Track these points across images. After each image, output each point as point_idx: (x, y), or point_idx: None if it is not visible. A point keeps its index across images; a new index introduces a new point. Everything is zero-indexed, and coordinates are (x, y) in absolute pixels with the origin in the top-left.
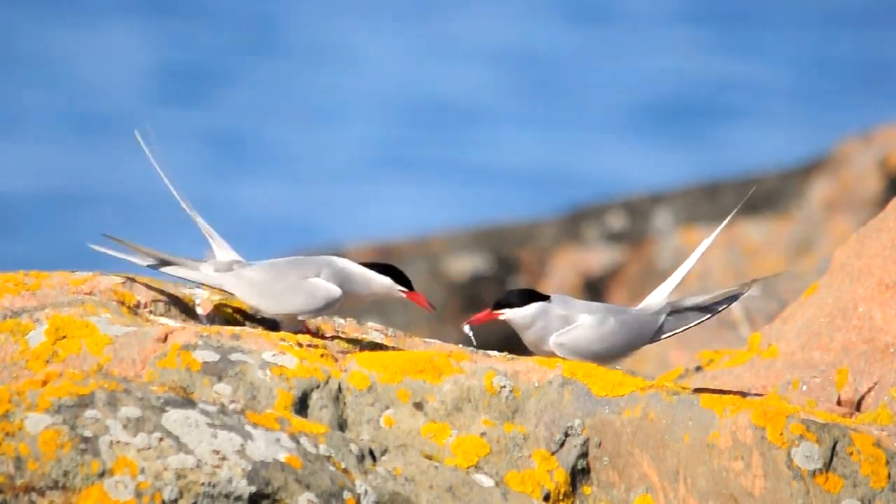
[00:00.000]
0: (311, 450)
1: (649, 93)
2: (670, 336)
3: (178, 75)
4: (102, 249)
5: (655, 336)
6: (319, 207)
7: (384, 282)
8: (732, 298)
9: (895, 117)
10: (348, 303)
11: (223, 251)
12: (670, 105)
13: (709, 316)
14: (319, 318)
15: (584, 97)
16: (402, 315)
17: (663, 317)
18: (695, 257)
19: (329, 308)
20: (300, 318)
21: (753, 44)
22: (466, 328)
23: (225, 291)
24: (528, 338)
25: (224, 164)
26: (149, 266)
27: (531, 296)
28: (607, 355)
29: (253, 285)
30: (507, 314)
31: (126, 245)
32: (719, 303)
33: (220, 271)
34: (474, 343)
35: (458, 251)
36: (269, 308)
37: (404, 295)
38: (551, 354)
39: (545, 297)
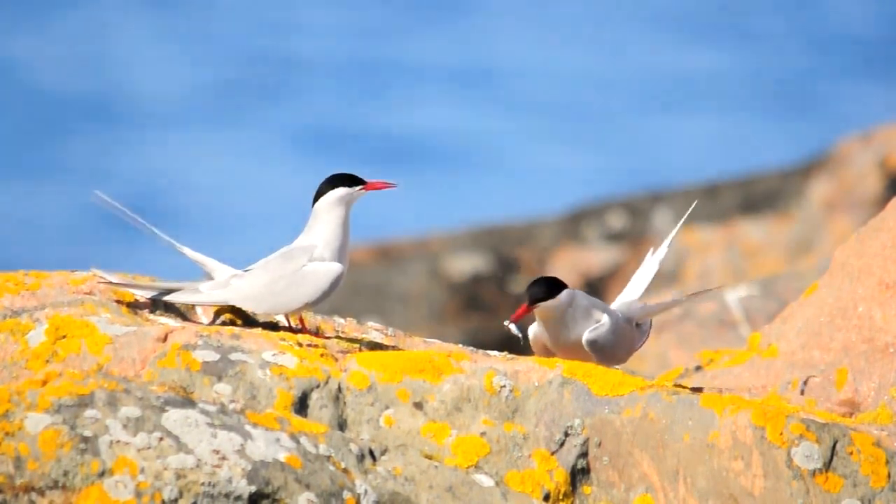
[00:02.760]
0: (311, 449)
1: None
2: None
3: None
4: (103, 275)
5: (637, 343)
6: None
7: (341, 193)
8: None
9: (895, 117)
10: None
11: (218, 271)
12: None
13: (647, 331)
14: (319, 317)
15: None
16: (402, 315)
17: (637, 322)
18: (658, 259)
19: (337, 286)
20: (316, 306)
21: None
22: (512, 326)
23: (231, 306)
24: (552, 327)
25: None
26: (150, 298)
27: (558, 284)
28: (621, 357)
29: (255, 292)
30: (543, 306)
31: (121, 283)
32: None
33: (220, 288)
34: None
35: (458, 251)
36: (278, 308)
37: (364, 191)
38: (575, 343)
39: (565, 285)
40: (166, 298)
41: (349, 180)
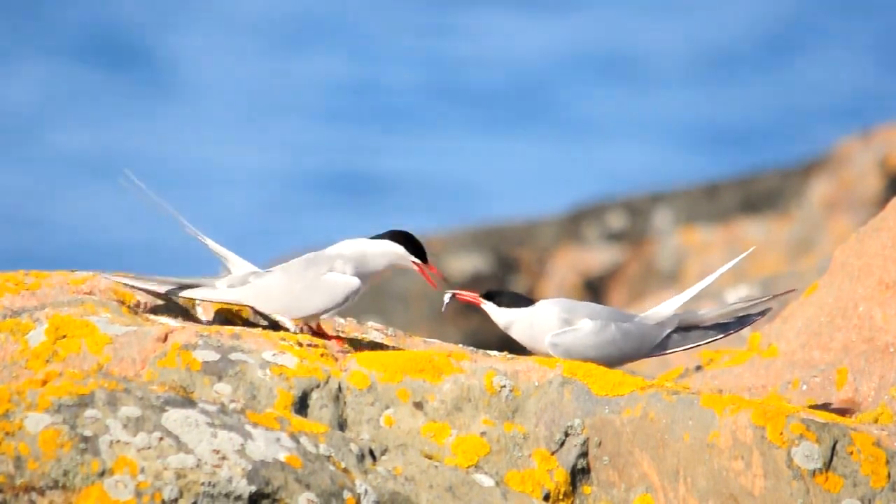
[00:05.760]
0: (311, 449)
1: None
2: (675, 352)
3: None
4: (118, 279)
5: (657, 350)
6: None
7: (397, 250)
8: (745, 319)
9: (895, 117)
10: (372, 281)
11: (238, 266)
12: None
13: (720, 336)
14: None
15: None
16: (402, 315)
17: (668, 331)
18: (714, 276)
19: (351, 300)
20: (324, 316)
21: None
22: (446, 296)
23: (246, 305)
24: (516, 337)
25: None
26: (167, 292)
27: (516, 301)
28: (602, 362)
29: (271, 293)
30: (486, 307)
31: (137, 279)
32: (731, 323)
33: (237, 286)
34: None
35: (458, 251)
36: (291, 313)
37: (416, 267)
38: (546, 354)
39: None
40: (183, 294)
41: (414, 248)
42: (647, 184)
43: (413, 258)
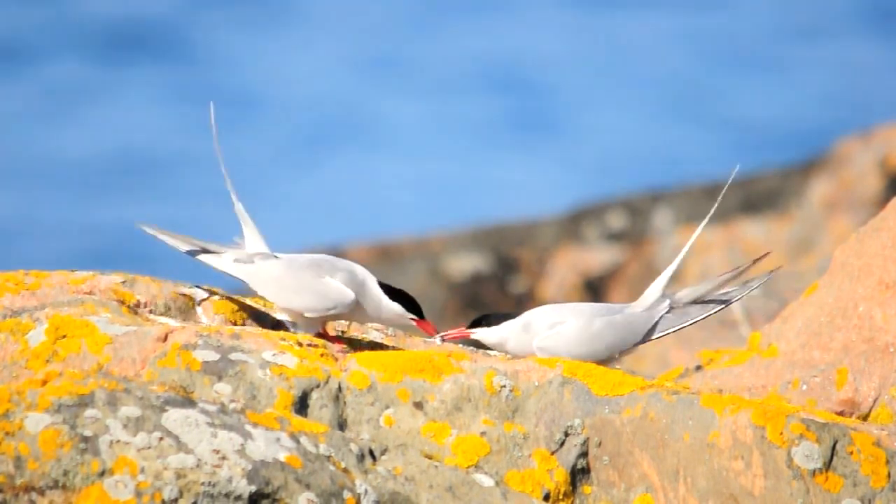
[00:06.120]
0: (311, 449)
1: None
2: (672, 332)
3: None
4: (149, 230)
5: (649, 335)
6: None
7: (395, 308)
8: (741, 290)
9: (895, 117)
10: (355, 315)
11: (253, 240)
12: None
13: (716, 310)
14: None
15: None
16: None
17: (661, 314)
18: (687, 247)
19: (338, 310)
20: (308, 315)
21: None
22: (437, 339)
23: (240, 280)
24: (511, 352)
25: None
26: (186, 252)
27: (502, 318)
28: (594, 357)
29: (268, 278)
30: (477, 334)
31: (160, 233)
32: (722, 298)
33: (241, 262)
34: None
35: (458, 251)
36: (279, 302)
37: (414, 322)
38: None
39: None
40: (198, 257)
41: (411, 306)
42: (647, 184)
43: (411, 315)
